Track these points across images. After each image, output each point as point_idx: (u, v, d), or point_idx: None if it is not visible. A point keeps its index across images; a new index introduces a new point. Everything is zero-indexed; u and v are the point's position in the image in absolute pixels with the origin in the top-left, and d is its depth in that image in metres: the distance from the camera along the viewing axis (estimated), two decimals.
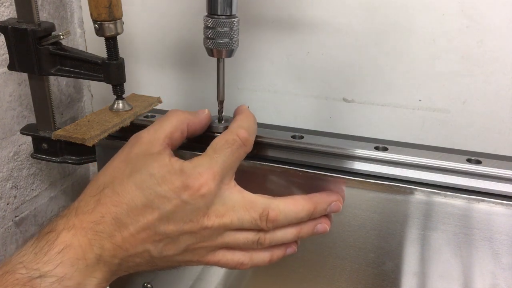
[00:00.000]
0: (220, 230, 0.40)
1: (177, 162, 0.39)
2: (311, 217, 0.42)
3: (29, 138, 0.57)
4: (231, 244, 0.41)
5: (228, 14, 0.42)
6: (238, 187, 0.41)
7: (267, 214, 0.40)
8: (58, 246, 0.37)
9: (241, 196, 0.40)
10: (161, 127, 0.41)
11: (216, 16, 0.42)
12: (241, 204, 0.40)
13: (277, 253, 0.43)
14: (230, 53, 0.44)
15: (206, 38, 0.43)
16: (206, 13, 0.43)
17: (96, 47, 0.66)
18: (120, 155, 0.41)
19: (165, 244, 0.39)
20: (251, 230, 0.41)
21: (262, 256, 0.43)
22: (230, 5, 0.41)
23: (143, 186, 0.38)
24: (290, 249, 0.44)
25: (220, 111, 0.47)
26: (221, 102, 0.47)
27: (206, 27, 0.43)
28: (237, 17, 0.43)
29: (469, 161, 0.43)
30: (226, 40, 0.43)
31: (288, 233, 0.42)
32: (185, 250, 0.40)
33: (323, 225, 0.43)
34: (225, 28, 0.42)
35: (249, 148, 0.41)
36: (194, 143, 0.46)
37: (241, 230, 0.41)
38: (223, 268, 0.54)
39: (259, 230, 0.41)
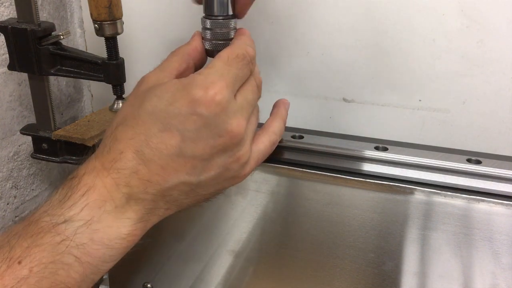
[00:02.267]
0: (247, 133, 0.38)
1: (186, 78, 0.37)
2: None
3: (29, 138, 0.57)
4: (252, 121, 0.39)
5: (225, 14, 0.41)
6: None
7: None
8: (81, 189, 0.35)
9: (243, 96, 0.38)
10: (166, 66, 0.40)
11: (213, 17, 0.41)
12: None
13: (282, 112, 0.44)
14: None
15: (204, 39, 0.43)
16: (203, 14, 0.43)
17: (96, 47, 0.66)
18: (129, 96, 0.40)
19: (202, 169, 0.36)
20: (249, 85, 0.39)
21: (278, 125, 0.42)
22: (227, 6, 0.41)
23: (155, 111, 0.36)
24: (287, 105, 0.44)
25: None
26: None
27: (204, 28, 0.43)
28: (235, 17, 0.43)
29: (469, 161, 0.43)
30: (225, 41, 0.42)
31: None
32: (226, 169, 0.37)
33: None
34: (223, 29, 0.42)
35: (253, 66, 0.40)
36: None
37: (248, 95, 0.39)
38: (223, 268, 0.54)
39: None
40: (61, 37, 0.51)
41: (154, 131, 0.35)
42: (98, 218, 0.34)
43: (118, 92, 0.53)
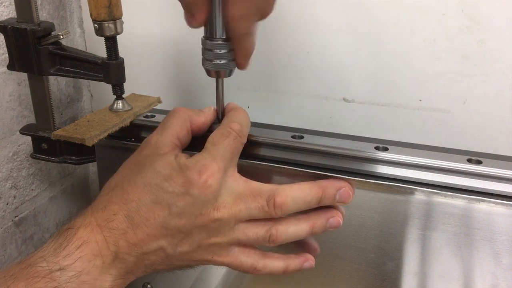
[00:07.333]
0: (231, 222, 0.40)
1: (181, 159, 0.40)
2: (320, 203, 0.42)
3: (29, 138, 0.57)
4: (242, 240, 0.41)
5: (225, 37, 0.40)
6: (244, 178, 0.42)
7: (274, 199, 0.40)
8: (76, 241, 0.38)
9: (247, 185, 0.41)
10: (166, 129, 0.43)
11: (214, 39, 0.40)
12: (247, 192, 0.41)
13: (293, 263, 0.44)
14: (229, 73, 0.43)
15: (205, 59, 0.42)
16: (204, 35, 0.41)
17: (96, 47, 0.66)
18: (131, 158, 0.44)
19: (179, 240, 0.40)
20: (261, 222, 0.41)
21: (277, 264, 0.43)
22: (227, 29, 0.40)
23: (150, 184, 0.40)
24: (307, 263, 0.44)
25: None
26: (219, 120, 0.46)
27: (204, 49, 0.41)
28: None
29: (469, 161, 0.43)
30: (225, 61, 0.41)
31: (301, 228, 0.42)
32: (199, 246, 0.41)
33: (335, 219, 0.44)
34: (223, 50, 0.41)
35: (243, 139, 0.42)
36: (197, 144, 0.46)
37: (251, 222, 0.41)
38: (223, 268, 0.54)
39: (270, 221, 0.41)
40: (61, 37, 0.51)
41: (146, 201, 0.39)
42: (88, 271, 0.38)
43: (118, 92, 0.53)
